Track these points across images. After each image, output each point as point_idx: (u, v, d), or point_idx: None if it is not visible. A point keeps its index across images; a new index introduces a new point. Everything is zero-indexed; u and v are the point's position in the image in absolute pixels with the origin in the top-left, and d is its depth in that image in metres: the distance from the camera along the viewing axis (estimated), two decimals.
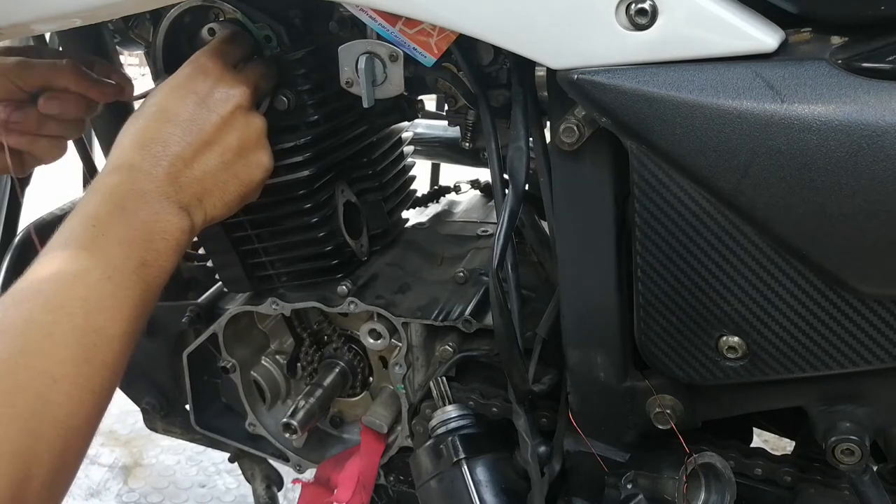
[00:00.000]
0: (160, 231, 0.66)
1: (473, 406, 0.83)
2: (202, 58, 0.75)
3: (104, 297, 0.59)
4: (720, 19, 0.55)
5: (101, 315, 0.58)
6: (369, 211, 0.98)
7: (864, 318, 0.59)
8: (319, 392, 0.95)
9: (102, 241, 0.62)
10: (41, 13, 0.73)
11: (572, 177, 0.67)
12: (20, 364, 0.53)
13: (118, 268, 0.61)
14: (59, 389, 0.53)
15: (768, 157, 0.55)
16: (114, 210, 0.64)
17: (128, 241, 0.63)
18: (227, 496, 1.87)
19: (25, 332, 0.55)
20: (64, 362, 0.55)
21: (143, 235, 0.64)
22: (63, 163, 0.92)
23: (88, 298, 0.58)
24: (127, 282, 0.61)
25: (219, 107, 0.73)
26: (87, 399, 0.55)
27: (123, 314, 0.60)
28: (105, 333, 0.58)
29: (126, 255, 0.62)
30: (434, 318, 0.87)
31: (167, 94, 0.72)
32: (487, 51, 0.77)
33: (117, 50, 1.00)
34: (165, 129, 0.70)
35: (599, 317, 0.71)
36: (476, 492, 0.77)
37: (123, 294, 0.61)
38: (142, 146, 0.69)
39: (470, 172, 1.28)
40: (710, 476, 0.70)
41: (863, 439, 0.63)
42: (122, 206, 0.65)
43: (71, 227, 0.63)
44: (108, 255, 0.61)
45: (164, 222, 0.66)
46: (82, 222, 0.64)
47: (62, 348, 0.55)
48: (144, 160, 0.68)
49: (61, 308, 0.57)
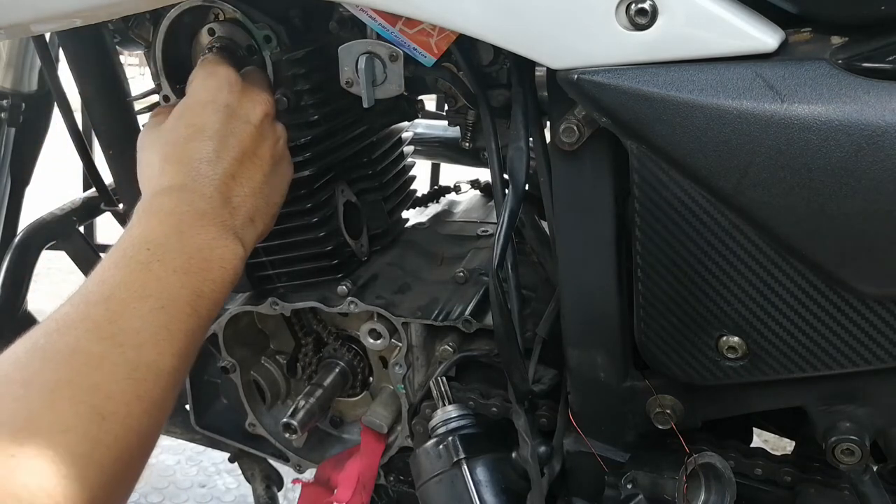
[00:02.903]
0: (218, 259, 0.62)
1: (473, 406, 0.83)
2: (220, 69, 0.73)
3: (157, 329, 0.55)
4: (720, 19, 0.55)
5: (154, 349, 0.54)
6: (369, 211, 0.98)
7: (864, 318, 0.59)
8: (319, 392, 0.95)
9: (158, 267, 0.58)
10: (41, 13, 0.73)
11: (572, 177, 0.67)
12: (66, 397, 0.47)
13: (173, 298, 0.57)
14: (107, 429, 0.48)
15: (768, 157, 0.55)
16: (170, 233, 0.61)
17: (184, 269, 0.59)
18: (227, 496, 1.87)
19: (72, 361, 0.50)
20: (113, 398, 0.49)
21: (199, 264, 0.61)
22: (63, 163, 0.92)
23: (141, 330, 0.54)
24: (181, 313, 0.57)
25: (251, 117, 0.71)
26: (133, 441, 0.50)
27: (175, 348, 0.55)
28: (156, 368, 0.53)
29: (182, 284, 0.58)
30: (434, 318, 0.87)
31: (198, 112, 0.70)
32: (487, 51, 0.77)
33: (117, 50, 1.00)
34: (206, 146, 0.67)
35: (599, 317, 0.71)
36: (476, 492, 0.77)
37: (176, 327, 0.56)
38: (187, 165, 0.66)
39: (470, 172, 1.28)
40: (710, 476, 0.70)
41: (863, 439, 0.63)
42: (179, 230, 0.61)
43: (124, 249, 0.59)
44: (163, 283, 0.57)
45: (222, 248, 0.63)
46: (136, 244, 0.60)
47: (112, 383, 0.50)
48: (195, 180, 0.65)
49: (112, 338, 0.52)
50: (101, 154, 1.05)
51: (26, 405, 0.46)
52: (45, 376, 0.47)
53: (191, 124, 0.69)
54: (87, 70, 0.98)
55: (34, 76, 1.25)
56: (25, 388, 0.46)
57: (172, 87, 0.87)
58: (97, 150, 1.11)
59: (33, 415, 0.46)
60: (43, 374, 0.48)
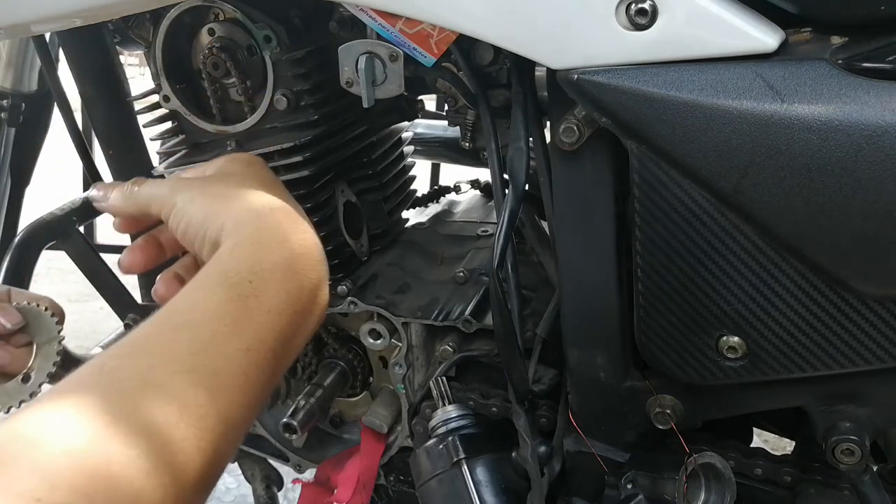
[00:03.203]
0: (321, 304, 0.57)
1: (473, 406, 0.83)
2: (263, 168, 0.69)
3: (237, 374, 0.48)
4: (720, 19, 0.55)
5: (227, 396, 0.47)
6: (369, 211, 0.98)
7: (864, 318, 0.59)
8: (319, 392, 0.95)
9: (254, 303, 0.52)
10: (41, 13, 0.73)
11: (572, 177, 0.67)
12: (121, 436, 0.41)
13: (261, 340, 0.51)
14: (158, 481, 0.41)
15: (768, 157, 0.55)
16: (277, 266, 0.55)
17: (278, 310, 0.53)
18: (227, 496, 1.87)
19: (138, 394, 0.43)
20: (173, 445, 0.43)
21: (295, 306, 0.55)
22: (63, 162, 0.92)
23: (221, 372, 0.47)
24: (263, 360, 0.51)
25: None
26: (187, 497, 0.43)
27: (248, 399, 0.49)
28: (225, 418, 0.47)
29: (272, 326, 0.52)
30: (434, 318, 0.87)
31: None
32: (487, 51, 0.77)
33: (117, 50, 1.00)
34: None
35: (599, 317, 0.71)
36: (476, 492, 0.77)
37: (255, 375, 0.50)
38: (290, 205, 0.62)
39: (470, 172, 1.28)
40: (710, 476, 0.70)
41: (863, 439, 0.63)
42: (289, 264, 0.55)
43: (226, 272, 0.53)
44: (255, 322, 0.51)
45: (323, 295, 0.58)
46: (241, 271, 0.53)
47: (176, 429, 0.43)
48: (299, 217, 0.61)
49: (189, 373, 0.46)
50: (101, 154, 1.05)
51: (77, 436, 0.40)
52: (104, 407, 0.41)
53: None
54: (87, 70, 0.99)
55: (34, 76, 1.25)
56: (78, 417, 0.40)
57: (172, 87, 0.87)
58: (97, 150, 1.11)
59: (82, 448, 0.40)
60: (102, 403, 0.41)
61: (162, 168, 0.90)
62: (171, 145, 0.91)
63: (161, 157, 0.93)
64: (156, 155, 0.96)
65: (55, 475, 0.37)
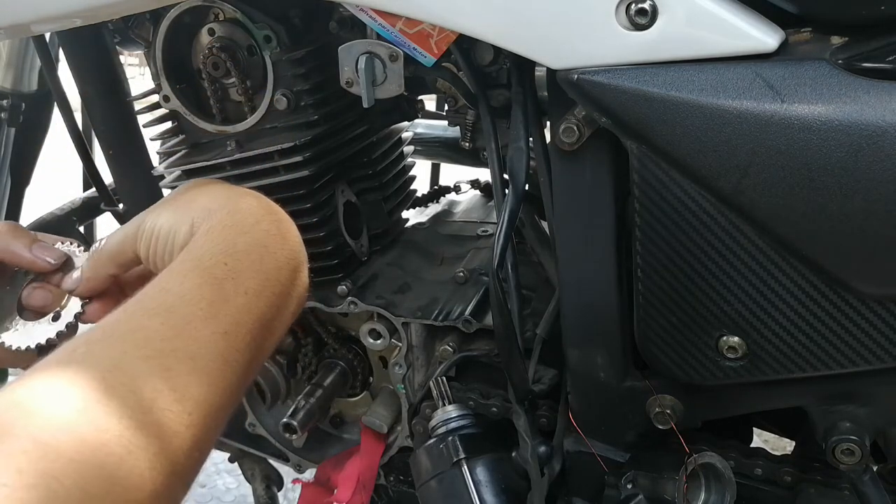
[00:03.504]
0: (300, 286, 0.56)
1: (473, 406, 0.83)
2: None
3: (213, 357, 0.47)
4: (720, 19, 0.55)
5: (205, 380, 0.46)
6: (369, 211, 0.98)
7: (864, 318, 0.59)
8: (319, 392, 0.95)
9: (230, 285, 0.51)
10: (41, 13, 0.73)
11: (572, 177, 0.67)
12: (91, 422, 0.39)
13: (239, 323, 0.50)
14: (131, 466, 0.39)
15: (768, 157, 0.55)
16: (252, 247, 0.54)
17: (256, 291, 0.52)
18: (227, 496, 1.87)
19: (108, 379, 0.42)
20: (146, 430, 0.41)
21: (273, 287, 0.53)
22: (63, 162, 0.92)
23: (196, 356, 0.46)
24: (242, 343, 0.49)
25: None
26: (160, 480, 0.41)
27: (226, 382, 0.47)
28: (203, 404, 0.45)
29: (249, 308, 0.51)
30: (434, 318, 0.87)
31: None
32: (487, 51, 0.77)
33: (117, 50, 1.00)
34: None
35: (599, 317, 0.71)
36: (476, 492, 0.77)
37: (234, 358, 0.49)
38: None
39: (470, 172, 1.28)
40: (710, 476, 0.70)
41: (863, 439, 0.63)
42: (264, 244, 0.54)
43: (199, 257, 0.52)
44: (231, 304, 0.50)
45: (302, 277, 0.57)
46: (215, 254, 0.52)
47: (149, 412, 0.42)
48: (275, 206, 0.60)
49: (161, 357, 0.45)
50: (101, 154, 1.05)
51: (48, 423, 0.39)
52: (74, 393, 0.40)
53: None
54: (87, 70, 0.98)
55: (34, 76, 1.25)
56: (51, 404, 0.40)
57: (172, 87, 0.87)
58: (97, 150, 1.11)
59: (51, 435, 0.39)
60: (72, 390, 0.40)
61: (162, 168, 0.90)
62: (171, 145, 0.91)
63: (161, 157, 0.93)
64: (156, 155, 0.97)
65: (31, 441, 0.37)
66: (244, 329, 0.50)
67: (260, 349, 0.52)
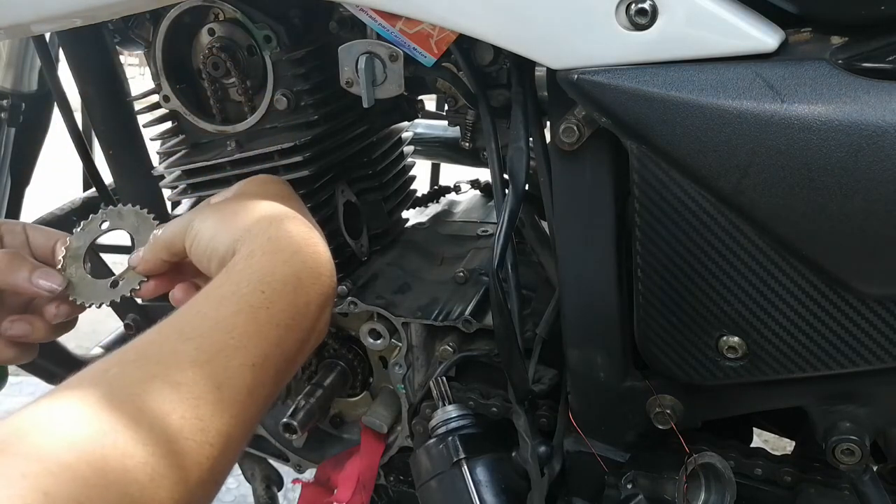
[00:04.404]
0: (323, 323, 0.57)
1: (473, 406, 0.83)
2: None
3: (239, 390, 0.47)
4: (720, 19, 0.55)
5: (228, 412, 0.46)
6: (369, 211, 0.98)
7: (864, 318, 0.59)
8: (319, 392, 0.95)
9: (264, 315, 0.51)
10: (41, 13, 0.73)
11: (572, 177, 0.67)
12: (117, 447, 0.39)
13: (267, 356, 0.50)
14: (150, 494, 0.40)
15: (768, 157, 0.55)
16: (289, 278, 0.54)
17: (286, 325, 0.52)
18: (227, 496, 1.87)
19: (135, 402, 0.42)
20: (167, 459, 0.42)
21: (302, 324, 0.54)
22: (63, 162, 0.92)
23: (223, 386, 0.46)
24: (266, 377, 0.50)
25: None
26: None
27: (247, 416, 0.48)
28: (225, 436, 0.45)
29: (278, 342, 0.51)
30: (434, 318, 0.87)
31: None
32: (487, 51, 0.77)
33: (117, 50, 1.00)
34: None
35: (599, 317, 0.71)
36: (476, 492, 0.77)
37: (258, 392, 0.49)
38: (306, 218, 0.62)
39: (470, 172, 1.28)
40: (710, 476, 0.70)
41: (863, 439, 0.63)
42: (299, 277, 0.54)
43: (238, 282, 0.52)
44: (262, 336, 0.50)
45: (327, 314, 0.57)
46: (253, 281, 0.52)
47: (172, 441, 0.42)
48: (311, 233, 0.60)
49: (191, 386, 0.45)
50: (101, 154, 1.05)
51: (73, 446, 0.39)
52: (102, 417, 0.40)
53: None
54: (87, 70, 0.98)
55: (34, 76, 1.25)
56: (82, 414, 0.40)
57: (172, 87, 0.87)
58: (97, 150, 1.11)
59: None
60: (101, 413, 0.41)
61: (162, 168, 0.90)
62: (171, 145, 0.91)
63: (161, 157, 0.93)
64: (156, 155, 0.97)
65: (56, 463, 0.37)
66: (271, 363, 0.50)
67: (277, 385, 0.52)
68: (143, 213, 0.70)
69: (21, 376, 1.25)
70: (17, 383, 1.86)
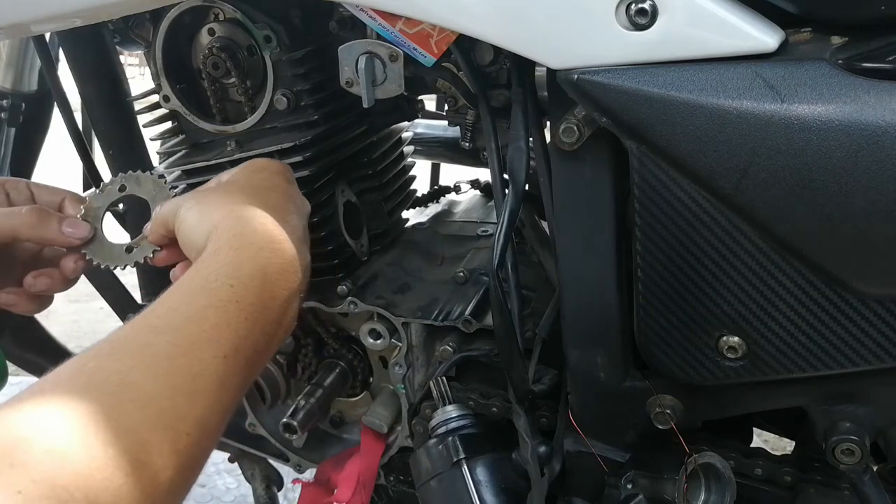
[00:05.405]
0: (290, 317, 0.59)
1: (473, 406, 0.83)
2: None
3: (213, 380, 0.49)
4: (720, 19, 0.55)
5: (205, 401, 0.48)
6: (369, 211, 0.98)
7: (864, 318, 0.59)
8: (319, 392, 0.95)
9: (234, 309, 0.53)
10: (41, 13, 0.73)
11: (572, 177, 0.67)
12: (98, 434, 0.41)
13: (238, 349, 0.52)
14: (134, 480, 0.41)
15: (768, 157, 0.55)
16: (255, 272, 0.56)
17: (254, 319, 0.54)
18: (227, 496, 1.87)
19: (117, 394, 0.44)
20: (148, 447, 0.43)
21: (269, 316, 0.56)
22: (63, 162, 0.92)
23: (198, 377, 0.48)
24: (237, 366, 0.52)
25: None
26: (159, 500, 0.43)
27: (224, 404, 0.50)
28: (202, 424, 0.47)
29: (247, 334, 0.53)
30: (434, 318, 0.87)
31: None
32: (487, 51, 0.77)
33: (117, 50, 1.00)
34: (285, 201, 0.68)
35: (599, 317, 0.71)
36: (476, 492, 0.77)
37: (230, 381, 0.51)
38: (275, 212, 0.63)
39: (470, 172, 1.28)
40: (710, 476, 0.70)
41: (863, 439, 0.63)
42: (265, 272, 0.57)
43: (206, 276, 0.55)
44: (232, 330, 0.52)
45: (293, 309, 0.59)
46: (221, 276, 0.55)
47: (152, 430, 0.44)
48: (279, 233, 0.61)
49: (168, 376, 0.47)
50: (101, 154, 1.05)
51: (59, 435, 0.41)
52: (84, 406, 0.42)
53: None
54: (87, 70, 0.99)
55: (34, 76, 1.25)
56: (61, 417, 0.41)
57: (172, 87, 0.87)
58: (97, 150, 1.11)
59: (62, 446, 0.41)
60: (82, 403, 0.42)
61: (162, 168, 0.90)
62: (171, 145, 0.91)
63: (161, 157, 0.93)
64: (156, 155, 0.97)
65: (37, 472, 0.38)
66: (241, 355, 0.52)
67: (248, 377, 0.54)
68: (160, 181, 0.72)
69: (21, 376, 1.25)
70: (17, 383, 1.86)
